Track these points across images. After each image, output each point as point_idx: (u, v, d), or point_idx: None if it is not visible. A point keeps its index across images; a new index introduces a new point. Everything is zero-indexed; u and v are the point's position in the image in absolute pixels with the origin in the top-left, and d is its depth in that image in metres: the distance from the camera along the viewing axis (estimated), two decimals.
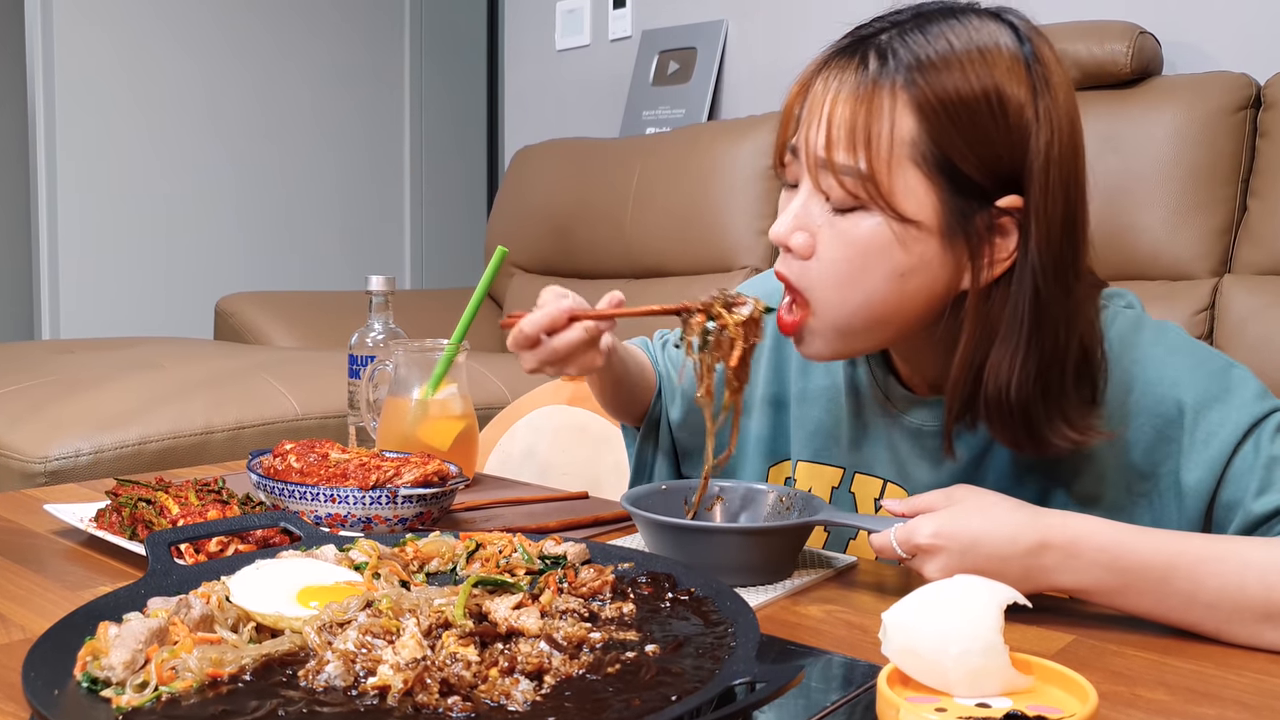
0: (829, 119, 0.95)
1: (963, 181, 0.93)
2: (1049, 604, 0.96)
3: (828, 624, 0.93)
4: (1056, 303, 0.96)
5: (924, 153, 0.93)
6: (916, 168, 0.93)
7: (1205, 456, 0.98)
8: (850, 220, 0.96)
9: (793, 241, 0.99)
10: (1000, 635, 0.68)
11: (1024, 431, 0.98)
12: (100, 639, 0.72)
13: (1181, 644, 0.88)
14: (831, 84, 0.96)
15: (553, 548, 0.97)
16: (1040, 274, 0.95)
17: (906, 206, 0.93)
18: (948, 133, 0.92)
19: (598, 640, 0.76)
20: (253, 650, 0.71)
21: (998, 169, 0.94)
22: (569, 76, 4.02)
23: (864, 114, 0.93)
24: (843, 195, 0.95)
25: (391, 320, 1.64)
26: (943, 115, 0.92)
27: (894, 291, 0.97)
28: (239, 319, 3.49)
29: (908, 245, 0.95)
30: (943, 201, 0.94)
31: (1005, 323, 0.96)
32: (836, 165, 0.94)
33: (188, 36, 4.37)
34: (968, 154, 0.93)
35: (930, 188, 0.94)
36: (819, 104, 0.96)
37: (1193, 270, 2.27)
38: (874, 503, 1.16)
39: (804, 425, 1.22)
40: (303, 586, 0.83)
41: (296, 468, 1.23)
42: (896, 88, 0.93)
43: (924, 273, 0.96)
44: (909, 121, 0.92)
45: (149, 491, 1.15)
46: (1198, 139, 2.26)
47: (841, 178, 0.94)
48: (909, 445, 1.12)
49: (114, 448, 2.09)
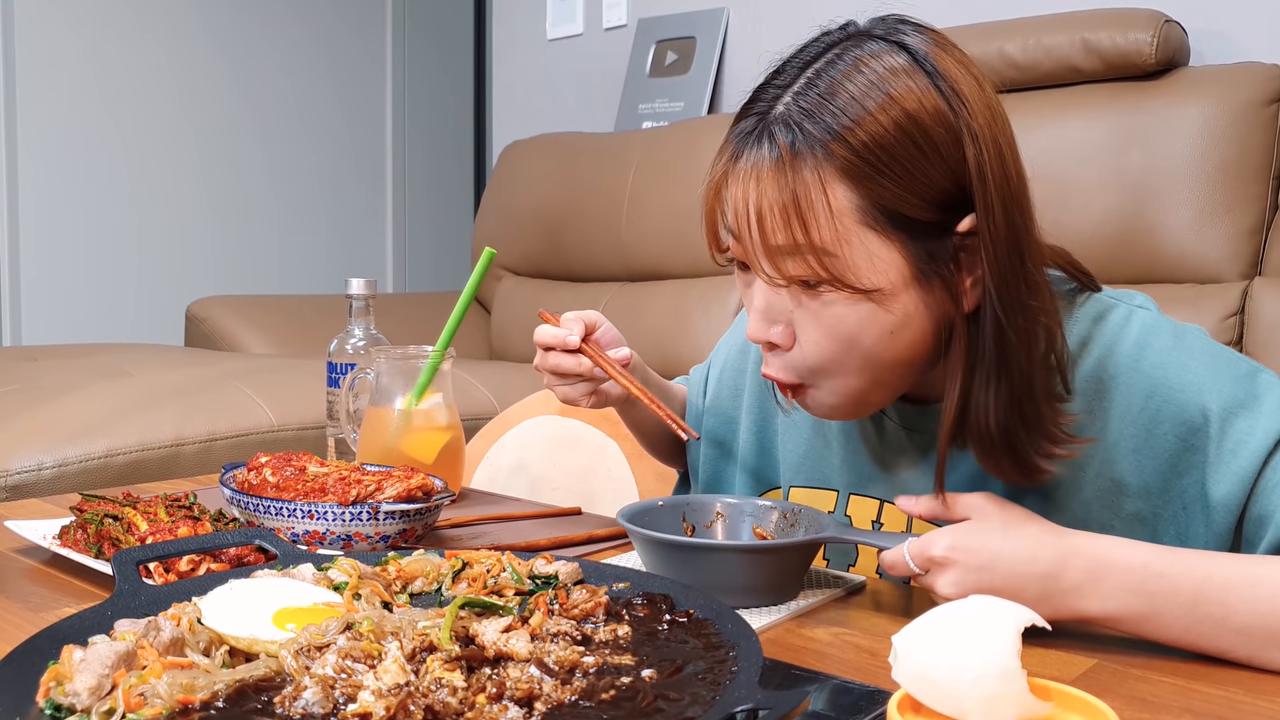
0: (758, 209, 0.95)
1: (917, 226, 0.94)
2: (1069, 626, 0.96)
3: (835, 647, 0.93)
4: (1014, 322, 0.96)
5: (870, 215, 0.93)
6: (871, 230, 0.94)
7: (1234, 467, 0.98)
8: (821, 299, 0.97)
9: (772, 335, 1.01)
10: (1018, 659, 0.68)
11: (1010, 462, 0.99)
12: (64, 663, 0.72)
13: (1209, 669, 0.88)
14: (749, 178, 0.97)
15: (544, 567, 0.97)
16: (995, 294, 0.95)
17: (869, 276, 0.95)
18: (884, 187, 0.93)
19: (591, 665, 0.76)
20: (226, 675, 0.71)
21: (944, 200, 0.95)
22: (561, 67, 4.02)
23: (792, 195, 0.94)
24: (793, 279, 0.96)
25: (373, 326, 1.64)
26: (872, 173, 0.93)
27: (888, 349, 0.98)
28: (211, 324, 3.49)
29: (886, 305, 0.96)
30: (906, 252, 0.95)
31: (981, 340, 0.97)
32: (776, 250, 0.95)
33: (154, 24, 4.37)
34: (911, 199, 0.93)
35: (889, 245, 0.94)
36: (744, 197, 0.97)
37: (1221, 273, 2.28)
38: (871, 524, 1.16)
39: (794, 450, 1.25)
40: (279, 608, 0.83)
41: (272, 482, 1.23)
42: (818, 162, 0.93)
43: (912, 324, 0.98)
44: (842, 190, 0.93)
45: (116, 507, 1.15)
46: (1227, 134, 2.26)
47: (786, 261, 0.95)
48: (905, 458, 1.14)
49: (79, 460, 2.09)
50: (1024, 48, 2.50)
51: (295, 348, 3.39)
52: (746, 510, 1.15)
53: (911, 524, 1.13)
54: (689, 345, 3.08)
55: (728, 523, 1.15)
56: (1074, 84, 2.49)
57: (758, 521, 1.14)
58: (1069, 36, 2.45)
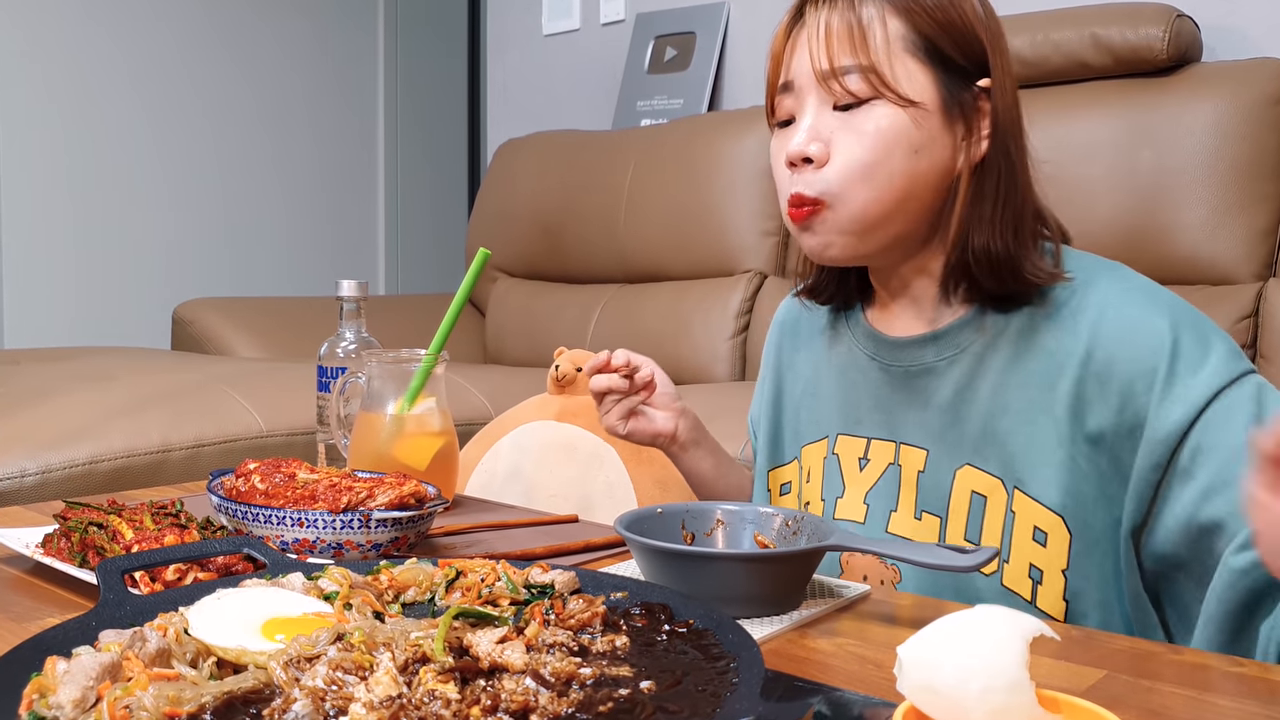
0: (826, 35, 1.17)
1: (950, 64, 1.17)
2: (1078, 636, 0.96)
3: (838, 658, 0.93)
4: (1020, 161, 1.19)
5: (916, 44, 1.16)
6: (913, 56, 1.16)
7: (1180, 404, 1.09)
8: (862, 114, 1.16)
9: (811, 150, 1.17)
10: (1026, 670, 0.68)
11: (1009, 273, 1.17)
12: (48, 675, 0.71)
13: (1224, 680, 0.88)
14: (821, 11, 1.19)
15: (539, 576, 0.97)
16: (1009, 136, 1.18)
17: (910, 90, 1.15)
18: (930, 26, 1.16)
19: (588, 677, 0.76)
20: (214, 687, 0.71)
21: (971, 53, 1.17)
22: (557, 63, 4.03)
23: (857, 25, 1.16)
24: (853, 91, 1.16)
25: (364, 329, 1.64)
26: (922, 14, 1.16)
27: (908, 171, 1.16)
28: (198, 327, 3.49)
29: (918, 122, 1.16)
30: (938, 82, 1.16)
31: (988, 183, 1.18)
32: (841, 68, 1.16)
33: (139, 20, 4.38)
34: (948, 41, 1.16)
35: (926, 71, 1.16)
36: (815, 28, 1.18)
37: (1235, 274, 2.28)
38: (858, 461, 1.28)
39: (800, 415, 1.38)
40: (268, 618, 0.83)
41: (261, 489, 1.23)
42: (880, 2, 1.17)
43: (931, 149, 1.16)
44: (896, 23, 1.16)
45: (101, 515, 1.15)
46: (1240, 131, 2.27)
47: (847, 78, 1.16)
48: (898, 394, 1.26)
49: (62, 467, 2.09)
50: (1033, 43, 2.51)
51: (284, 351, 3.40)
52: (748, 517, 1.15)
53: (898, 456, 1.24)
54: (689, 348, 3.09)
55: (728, 530, 1.15)
56: (1083, 80, 2.49)
57: (759, 529, 1.14)
58: (1078, 32, 2.45)
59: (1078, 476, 1.13)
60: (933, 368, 1.22)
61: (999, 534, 1.16)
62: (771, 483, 1.42)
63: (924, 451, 1.22)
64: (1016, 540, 1.15)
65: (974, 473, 1.18)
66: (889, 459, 1.25)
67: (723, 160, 3.16)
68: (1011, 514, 1.15)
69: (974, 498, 1.18)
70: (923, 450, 1.22)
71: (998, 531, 1.16)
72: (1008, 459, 1.16)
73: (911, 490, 1.22)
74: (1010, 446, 1.16)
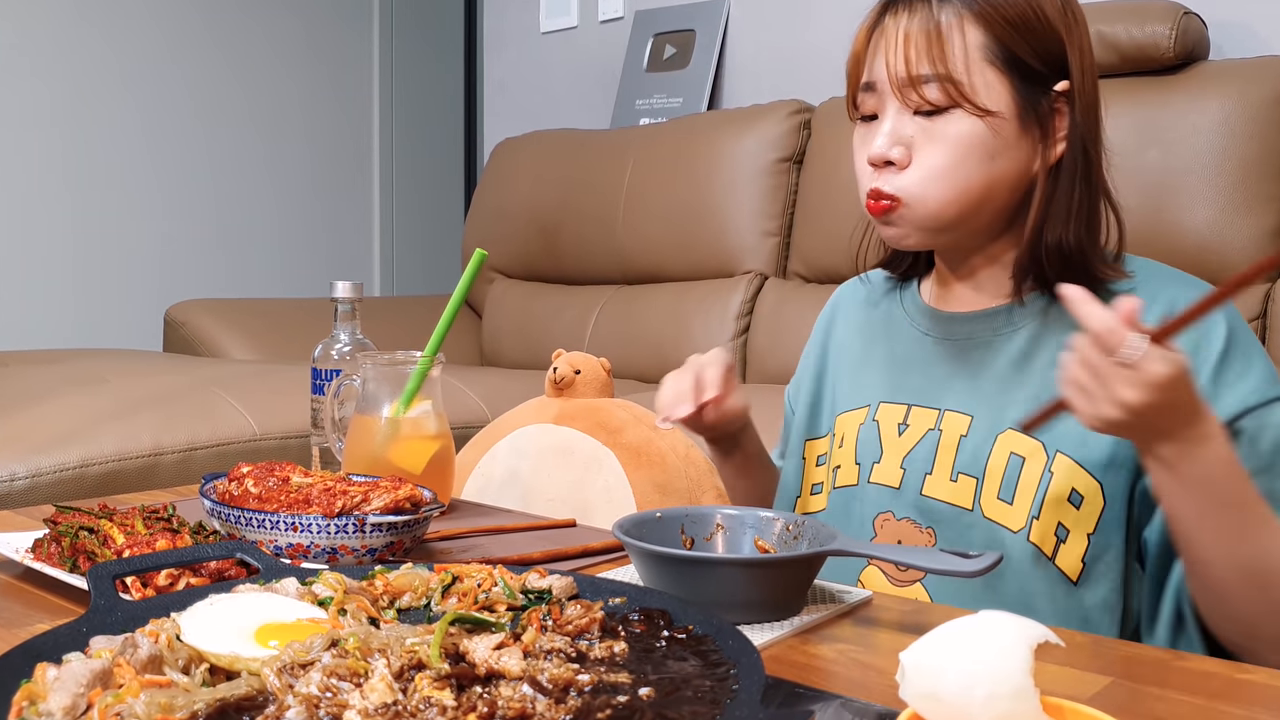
0: (905, 43, 1.21)
1: (1027, 71, 1.20)
2: (1084, 643, 0.96)
3: (840, 665, 0.93)
4: (1096, 159, 1.24)
5: (994, 52, 1.20)
6: (991, 66, 1.20)
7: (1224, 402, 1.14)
8: (941, 121, 1.21)
9: (893, 154, 1.22)
10: (1031, 677, 0.68)
11: (1080, 269, 1.22)
12: (38, 682, 0.72)
13: (1231, 687, 0.88)
14: (901, 18, 1.22)
15: (537, 581, 0.97)
16: (1087, 139, 1.23)
17: (988, 100, 1.20)
18: (1009, 33, 1.20)
19: (586, 683, 0.76)
20: (206, 694, 0.71)
21: (1049, 57, 1.21)
22: (555, 61, 4.03)
23: (936, 34, 1.20)
24: (931, 100, 1.20)
25: (359, 330, 1.64)
26: (1001, 22, 1.20)
27: (985, 175, 1.21)
28: (190, 329, 3.49)
29: (995, 130, 1.20)
30: (1015, 90, 1.20)
31: (1063, 183, 1.22)
32: (919, 77, 1.20)
33: (132, 19, 4.37)
34: (1026, 48, 1.20)
35: (1003, 80, 1.20)
36: (894, 36, 1.22)
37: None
38: (897, 427, 1.32)
39: (841, 382, 1.43)
40: (261, 624, 0.83)
41: (254, 493, 1.23)
42: (959, 8, 1.20)
43: (1008, 154, 1.21)
44: (976, 31, 1.20)
45: (91, 519, 1.15)
46: (1248, 130, 2.27)
47: (926, 87, 1.20)
48: (948, 365, 1.31)
49: (53, 471, 2.09)
50: None
51: (278, 353, 3.40)
52: (748, 522, 1.15)
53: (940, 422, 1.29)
54: (688, 350, 3.06)
55: (728, 535, 1.15)
56: None
57: (760, 533, 1.14)
58: None
59: (1123, 445, 1.17)
60: (989, 342, 1.28)
61: (1032, 492, 1.20)
62: (808, 453, 1.45)
63: (968, 417, 1.27)
64: (1050, 498, 1.19)
65: (1017, 437, 1.23)
66: (929, 424, 1.30)
67: (723, 160, 3.16)
68: (1050, 474, 1.20)
69: (1011, 458, 1.22)
70: (967, 416, 1.27)
71: (1031, 490, 1.20)
72: (1055, 428, 1.18)
73: (950, 453, 1.27)
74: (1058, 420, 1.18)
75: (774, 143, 3.10)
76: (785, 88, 3.27)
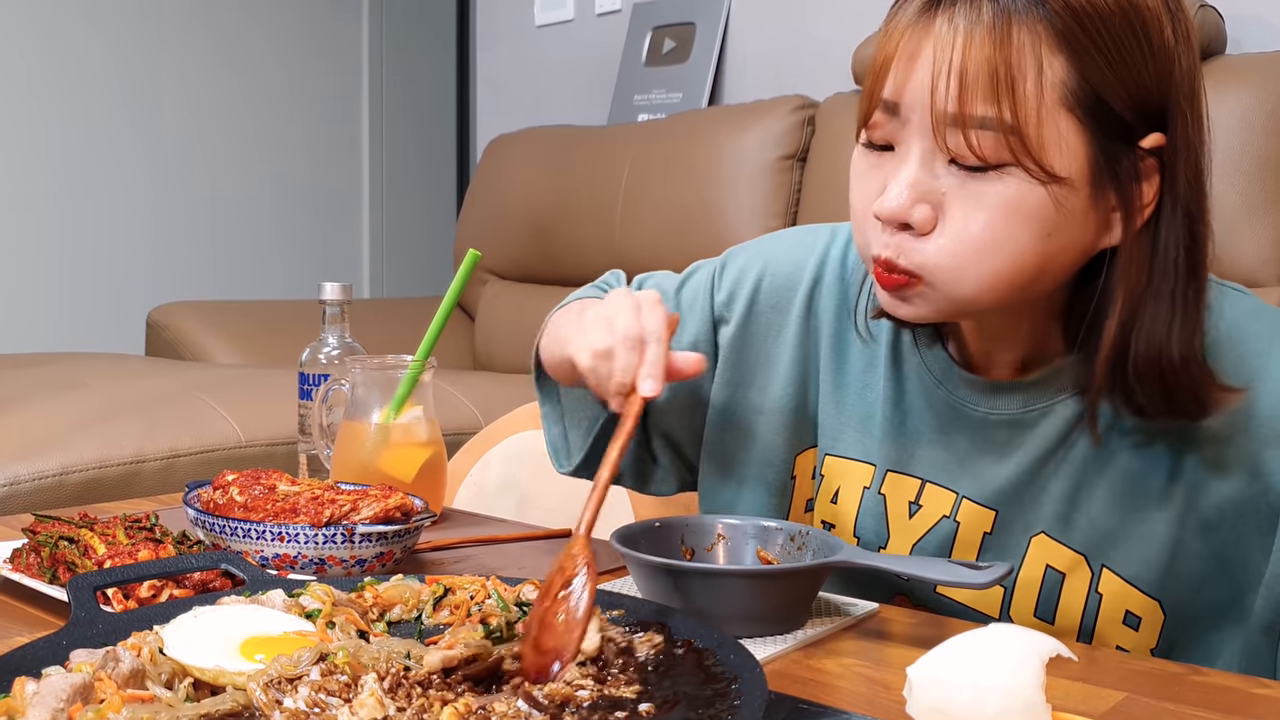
0: (961, 65, 0.91)
1: (1113, 121, 0.93)
2: (1097, 657, 0.96)
3: (845, 679, 0.93)
4: (1203, 246, 0.97)
5: (1076, 95, 0.91)
6: (1070, 113, 0.92)
7: None
8: (987, 182, 0.93)
9: (913, 216, 0.95)
10: (1042, 693, 0.68)
11: (1187, 394, 0.97)
12: (16, 697, 0.72)
13: (1250, 703, 0.88)
14: (958, 22, 0.91)
15: (531, 593, 0.97)
16: (1192, 215, 0.96)
17: (1057, 160, 0.92)
18: (1097, 67, 0.91)
19: (585, 699, 0.76)
20: (190, 710, 0.71)
21: (1145, 103, 0.94)
22: (550, 55, 4.03)
23: (1005, 56, 0.90)
24: (980, 154, 0.92)
25: (348, 334, 1.64)
26: (1091, 47, 0.90)
27: (1037, 254, 0.94)
28: (174, 332, 3.49)
29: (1059, 201, 0.93)
30: (1093, 147, 0.93)
31: (1156, 275, 0.96)
32: (973, 119, 0.91)
33: (115, 14, 4.38)
34: (1118, 88, 0.92)
35: (1081, 133, 0.92)
36: (946, 50, 0.91)
37: (1260, 276, 2.28)
38: (908, 505, 1.13)
39: (839, 414, 1.19)
40: (247, 637, 0.83)
41: (240, 501, 1.23)
42: (1036, 21, 0.90)
43: (1069, 230, 0.95)
44: (1059, 62, 0.91)
45: (72, 529, 1.14)
46: (1267, 126, 2.27)
47: (979, 134, 0.91)
48: (969, 440, 1.10)
49: (31, 478, 2.09)
50: None
51: (264, 357, 3.39)
52: (750, 532, 1.15)
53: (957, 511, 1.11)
54: None
55: (730, 545, 1.15)
56: None
57: (762, 544, 1.14)
58: None
59: (1186, 557, 1.03)
60: (1020, 419, 1.06)
61: (1077, 615, 1.05)
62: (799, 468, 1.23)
63: (992, 512, 1.08)
64: (1104, 621, 1.05)
65: (1051, 545, 1.06)
66: (944, 510, 1.11)
67: (724, 157, 3.16)
68: (1098, 595, 1.05)
69: (1048, 573, 1.06)
70: (991, 510, 1.08)
71: (1075, 613, 1.05)
72: (1096, 536, 1.05)
73: (971, 552, 1.09)
74: (1102, 523, 1.04)
75: (777, 140, 3.10)
76: (788, 83, 3.27)
